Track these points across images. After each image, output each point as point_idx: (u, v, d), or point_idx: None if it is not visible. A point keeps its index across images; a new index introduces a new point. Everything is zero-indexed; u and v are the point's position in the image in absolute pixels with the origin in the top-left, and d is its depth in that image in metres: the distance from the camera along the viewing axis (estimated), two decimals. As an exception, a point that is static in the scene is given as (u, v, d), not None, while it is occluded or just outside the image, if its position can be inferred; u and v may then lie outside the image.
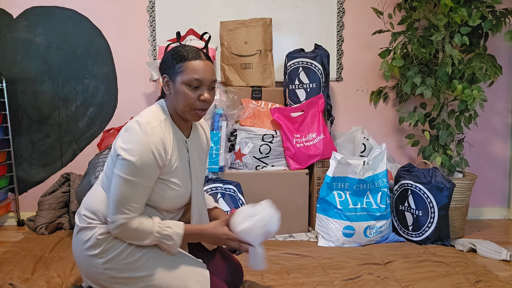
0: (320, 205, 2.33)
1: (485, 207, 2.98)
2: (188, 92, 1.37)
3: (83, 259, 1.44)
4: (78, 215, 1.49)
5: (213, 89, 1.42)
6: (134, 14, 2.74)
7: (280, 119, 2.48)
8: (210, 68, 1.40)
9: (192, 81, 1.36)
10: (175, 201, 1.46)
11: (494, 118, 2.93)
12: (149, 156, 1.32)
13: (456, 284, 1.78)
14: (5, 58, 2.70)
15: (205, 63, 1.39)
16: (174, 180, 1.42)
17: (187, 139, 1.50)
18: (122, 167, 1.32)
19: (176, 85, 1.38)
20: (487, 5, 2.38)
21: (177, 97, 1.38)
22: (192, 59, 1.37)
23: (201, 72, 1.37)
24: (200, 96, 1.38)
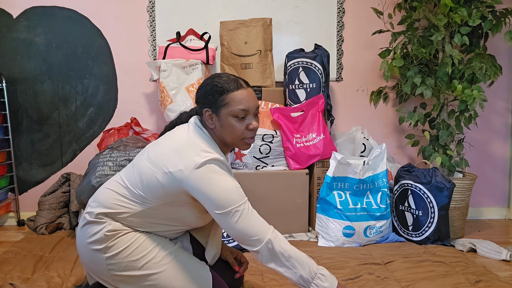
0: (320, 205, 2.33)
1: (485, 207, 2.98)
2: (236, 124, 1.36)
3: (86, 251, 1.44)
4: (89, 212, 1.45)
5: (257, 115, 1.42)
6: (134, 14, 2.74)
7: (280, 119, 2.48)
8: (253, 95, 1.39)
9: (238, 112, 1.35)
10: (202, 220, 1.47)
11: (494, 118, 2.93)
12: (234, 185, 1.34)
13: (456, 284, 1.78)
14: (5, 58, 2.70)
15: (247, 91, 1.38)
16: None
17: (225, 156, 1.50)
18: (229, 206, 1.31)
19: (222, 118, 1.36)
20: (487, 5, 2.38)
21: (224, 130, 1.37)
22: (234, 89, 1.36)
23: (246, 101, 1.36)
24: (248, 126, 1.37)
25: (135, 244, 1.41)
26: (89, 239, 1.42)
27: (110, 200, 1.44)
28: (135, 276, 1.40)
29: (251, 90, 1.40)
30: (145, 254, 1.40)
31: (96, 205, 1.45)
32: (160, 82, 2.47)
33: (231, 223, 1.32)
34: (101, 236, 1.40)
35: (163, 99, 2.46)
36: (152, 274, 1.40)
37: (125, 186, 1.42)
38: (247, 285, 1.76)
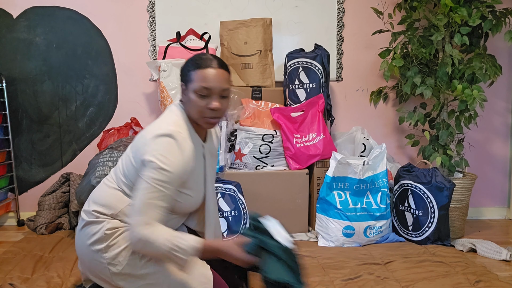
0: (320, 205, 2.33)
1: (485, 207, 2.98)
2: (198, 100, 1.36)
3: (87, 252, 1.44)
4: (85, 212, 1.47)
5: (225, 97, 1.41)
6: (134, 14, 2.74)
7: (280, 119, 2.48)
8: (222, 76, 1.39)
9: (200, 89, 1.36)
10: (188, 206, 1.47)
11: (494, 118, 2.93)
12: (183, 168, 1.33)
13: (456, 284, 1.78)
14: (5, 58, 2.70)
15: (216, 71, 1.38)
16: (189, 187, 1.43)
17: (204, 144, 1.50)
18: (155, 174, 1.30)
19: (189, 93, 1.38)
20: (487, 5, 2.38)
21: (190, 105, 1.39)
22: (204, 67, 1.37)
23: (210, 80, 1.36)
24: (208, 105, 1.37)
25: None
26: (89, 239, 1.42)
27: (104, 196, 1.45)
28: (136, 275, 1.40)
29: (223, 72, 1.39)
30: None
31: (91, 204, 1.46)
32: (160, 82, 2.47)
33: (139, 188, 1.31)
34: (101, 235, 1.40)
35: (163, 99, 2.46)
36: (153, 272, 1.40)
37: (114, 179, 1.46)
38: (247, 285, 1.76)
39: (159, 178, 1.31)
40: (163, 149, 1.32)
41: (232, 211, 2.20)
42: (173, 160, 1.32)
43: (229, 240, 1.40)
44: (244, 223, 2.21)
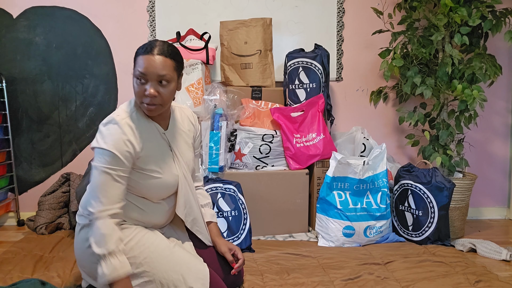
0: (320, 205, 2.33)
1: (485, 207, 2.98)
2: (135, 85, 1.40)
3: (85, 257, 1.45)
4: (78, 215, 1.51)
5: (165, 85, 1.40)
6: (134, 14, 2.74)
7: (280, 119, 2.48)
8: (159, 62, 1.37)
9: (137, 74, 1.38)
10: (160, 190, 1.48)
11: (494, 118, 2.93)
12: (120, 145, 1.36)
13: (456, 284, 1.78)
14: (5, 58, 2.70)
15: (153, 57, 1.37)
16: (153, 168, 1.45)
17: (166, 131, 1.52)
18: (97, 157, 1.36)
19: (132, 78, 1.42)
20: (487, 5, 2.38)
21: (134, 90, 1.42)
22: (143, 53, 1.38)
23: (145, 66, 1.36)
24: (145, 91, 1.38)
25: (133, 241, 1.42)
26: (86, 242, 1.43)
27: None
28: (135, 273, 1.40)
29: (162, 58, 1.38)
30: (143, 250, 1.41)
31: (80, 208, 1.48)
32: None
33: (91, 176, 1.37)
34: None
35: (163, 99, 2.46)
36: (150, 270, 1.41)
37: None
38: (247, 285, 1.76)
39: (104, 160, 1.34)
40: (104, 134, 1.37)
41: (232, 211, 2.20)
42: (112, 141, 1.35)
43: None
44: (244, 223, 2.21)
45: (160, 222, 1.56)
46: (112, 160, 1.35)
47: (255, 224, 2.38)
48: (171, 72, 1.41)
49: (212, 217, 1.72)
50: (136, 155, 1.41)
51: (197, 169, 1.77)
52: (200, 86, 2.48)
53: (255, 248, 2.22)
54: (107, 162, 1.34)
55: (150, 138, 1.46)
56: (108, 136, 1.36)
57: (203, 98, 2.44)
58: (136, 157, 1.41)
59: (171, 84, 1.42)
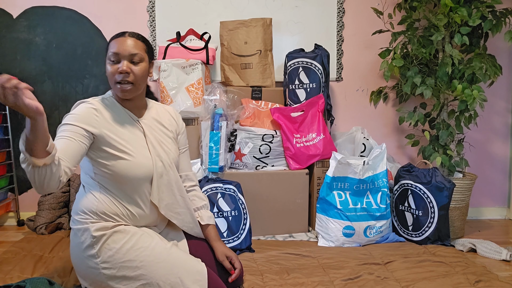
0: (320, 205, 2.33)
1: (485, 207, 2.98)
2: (109, 67, 1.46)
3: (81, 262, 1.45)
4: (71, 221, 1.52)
5: (137, 64, 1.47)
6: (134, 14, 2.74)
7: (280, 119, 2.48)
8: (130, 42, 1.46)
9: (110, 55, 1.45)
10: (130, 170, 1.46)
11: (494, 118, 2.93)
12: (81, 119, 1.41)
13: (456, 284, 1.78)
14: (5, 58, 2.70)
15: (125, 38, 1.46)
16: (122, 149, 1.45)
17: (140, 119, 1.56)
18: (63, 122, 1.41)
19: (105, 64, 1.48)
20: (487, 5, 2.38)
21: (107, 76, 1.49)
22: (115, 37, 1.47)
23: (118, 46, 1.44)
24: (118, 69, 1.44)
25: (128, 244, 1.41)
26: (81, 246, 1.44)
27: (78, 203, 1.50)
28: (131, 276, 1.40)
29: (133, 39, 1.47)
30: (139, 253, 1.41)
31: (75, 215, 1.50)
32: (160, 82, 2.47)
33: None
34: (90, 240, 1.41)
35: (163, 99, 2.46)
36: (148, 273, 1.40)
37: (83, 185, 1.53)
38: (247, 285, 1.76)
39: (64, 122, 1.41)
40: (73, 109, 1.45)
41: (232, 211, 2.20)
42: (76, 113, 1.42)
43: None
44: (244, 223, 2.21)
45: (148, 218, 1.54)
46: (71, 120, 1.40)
47: (255, 224, 2.38)
48: (142, 52, 1.48)
49: (209, 219, 1.69)
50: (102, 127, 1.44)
51: (188, 168, 1.74)
52: (200, 86, 2.48)
53: (255, 248, 2.22)
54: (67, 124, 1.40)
55: (121, 121, 1.50)
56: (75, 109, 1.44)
57: (203, 98, 2.44)
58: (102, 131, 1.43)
59: (143, 64, 1.48)
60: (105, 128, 1.44)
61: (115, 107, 1.52)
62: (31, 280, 1.49)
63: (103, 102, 1.51)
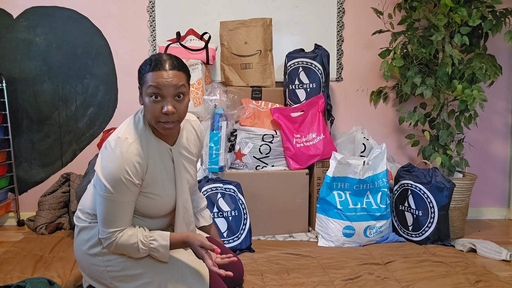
0: (320, 205, 2.33)
1: (485, 207, 2.98)
2: (151, 104, 1.31)
3: (85, 258, 1.45)
4: (76, 217, 1.51)
5: (180, 100, 1.34)
6: (134, 14, 2.74)
7: (280, 119, 2.48)
8: (174, 77, 1.31)
9: (151, 92, 1.30)
10: (158, 210, 1.46)
11: (494, 118, 2.93)
12: (123, 175, 1.30)
13: (456, 284, 1.78)
14: (5, 58, 2.70)
15: (167, 72, 1.30)
16: (153, 192, 1.42)
17: (172, 147, 1.46)
18: (101, 186, 1.32)
19: (143, 96, 1.34)
20: (487, 5, 2.38)
21: (145, 109, 1.35)
22: (153, 69, 1.30)
23: (160, 82, 1.28)
24: (162, 109, 1.30)
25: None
26: (85, 244, 1.44)
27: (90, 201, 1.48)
28: (134, 275, 1.41)
29: (176, 73, 1.32)
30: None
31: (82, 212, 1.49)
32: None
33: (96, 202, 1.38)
34: (96, 239, 1.41)
35: (163, 99, 2.46)
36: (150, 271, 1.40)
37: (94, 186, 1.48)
38: (247, 285, 1.76)
39: (105, 190, 1.31)
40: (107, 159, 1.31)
41: (232, 211, 2.20)
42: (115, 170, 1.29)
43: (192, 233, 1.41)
44: (244, 223, 2.21)
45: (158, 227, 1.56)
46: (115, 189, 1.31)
47: (255, 224, 2.38)
48: (186, 83, 1.35)
49: (210, 218, 1.76)
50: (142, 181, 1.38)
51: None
52: (200, 86, 2.48)
53: (255, 248, 2.22)
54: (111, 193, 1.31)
55: (156, 159, 1.40)
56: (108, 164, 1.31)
57: (203, 98, 2.45)
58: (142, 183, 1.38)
59: (186, 98, 1.36)
60: (145, 174, 1.38)
61: (150, 140, 1.40)
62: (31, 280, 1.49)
63: (140, 138, 1.36)
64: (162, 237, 1.38)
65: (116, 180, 1.29)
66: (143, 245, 1.36)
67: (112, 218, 1.34)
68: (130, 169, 1.31)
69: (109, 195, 1.31)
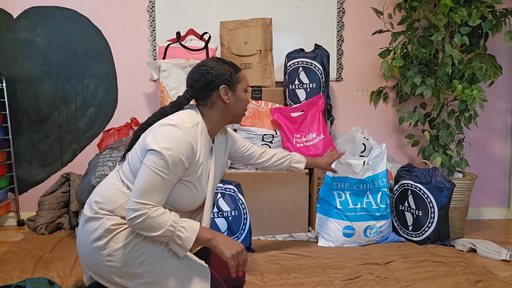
0: (320, 205, 2.33)
1: (485, 207, 2.98)
2: (245, 97, 1.58)
3: (87, 250, 1.45)
4: (88, 204, 1.49)
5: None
6: (134, 14, 2.74)
7: (280, 119, 2.48)
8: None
9: (246, 87, 1.58)
10: (189, 203, 1.49)
11: (494, 118, 2.93)
12: (180, 154, 1.36)
13: (456, 284, 1.78)
14: (5, 58, 2.70)
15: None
16: (194, 183, 1.46)
17: (213, 145, 1.57)
18: (153, 159, 1.35)
19: (238, 92, 1.54)
20: (487, 5, 2.38)
21: (239, 103, 1.56)
22: (240, 70, 1.58)
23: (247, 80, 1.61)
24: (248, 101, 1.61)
25: (135, 240, 1.41)
26: (90, 236, 1.43)
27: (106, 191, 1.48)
28: (134, 273, 1.41)
29: None
30: (143, 250, 1.41)
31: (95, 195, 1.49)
32: (160, 82, 2.47)
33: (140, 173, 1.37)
34: (101, 232, 1.41)
35: (163, 99, 2.46)
36: (151, 271, 1.41)
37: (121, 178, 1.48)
38: (247, 285, 1.76)
39: (159, 163, 1.34)
40: (165, 136, 1.37)
41: (232, 211, 2.20)
42: (173, 147, 1.35)
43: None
44: (244, 223, 2.21)
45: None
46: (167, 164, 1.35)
47: (255, 224, 2.38)
48: None
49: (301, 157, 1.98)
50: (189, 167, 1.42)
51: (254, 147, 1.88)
52: (200, 86, 2.48)
53: (255, 248, 2.22)
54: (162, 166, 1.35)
55: (203, 151, 1.49)
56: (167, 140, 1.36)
57: (203, 98, 2.44)
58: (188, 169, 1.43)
59: None
60: (194, 161, 1.43)
61: (204, 134, 1.50)
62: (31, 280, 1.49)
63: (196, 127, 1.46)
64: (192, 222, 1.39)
65: (171, 156, 1.34)
66: (173, 227, 1.35)
67: (151, 191, 1.34)
68: (185, 151, 1.38)
69: (157, 168, 1.34)
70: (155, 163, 1.34)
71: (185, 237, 1.35)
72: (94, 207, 1.45)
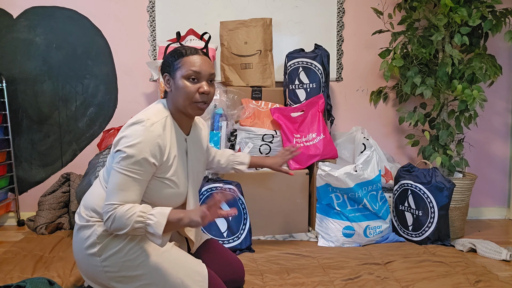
0: (320, 205, 2.33)
1: (485, 207, 2.98)
2: (188, 85, 1.40)
3: (83, 258, 1.45)
4: (77, 214, 1.50)
5: (212, 82, 1.46)
6: (134, 14, 2.74)
7: (280, 119, 2.48)
8: (208, 62, 1.45)
9: (190, 73, 1.40)
10: (171, 200, 1.47)
11: (494, 118, 2.93)
12: (144, 151, 1.34)
13: (456, 284, 1.78)
14: (5, 58, 2.70)
15: (202, 57, 1.43)
16: (171, 178, 1.44)
17: (187, 137, 1.52)
18: (117, 160, 1.34)
19: (176, 80, 1.42)
20: (487, 5, 2.38)
21: (178, 92, 1.42)
22: (190, 54, 1.42)
23: (198, 64, 1.41)
24: (199, 89, 1.41)
25: (129, 244, 1.41)
26: (84, 243, 1.44)
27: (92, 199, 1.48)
28: (132, 276, 1.40)
29: (208, 58, 1.46)
30: (140, 253, 1.41)
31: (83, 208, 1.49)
32: (160, 82, 2.47)
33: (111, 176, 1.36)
34: (94, 239, 1.41)
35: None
36: (148, 273, 1.40)
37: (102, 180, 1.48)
38: (247, 285, 1.76)
39: (123, 163, 1.33)
40: (129, 134, 1.35)
41: (232, 211, 2.19)
42: (136, 144, 1.33)
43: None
44: (244, 223, 2.21)
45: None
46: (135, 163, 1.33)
47: (255, 224, 2.38)
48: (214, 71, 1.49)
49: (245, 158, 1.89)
50: (159, 163, 1.39)
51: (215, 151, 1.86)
52: (200, 86, 2.48)
53: (255, 248, 2.22)
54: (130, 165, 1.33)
55: (174, 145, 1.45)
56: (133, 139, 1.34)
57: (203, 98, 2.44)
58: (159, 165, 1.40)
59: (214, 84, 1.49)
60: (164, 157, 1.40)
61: (173, 128, 1.46)
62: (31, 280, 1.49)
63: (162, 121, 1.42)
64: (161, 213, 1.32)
65: (134, 154, 1.32)
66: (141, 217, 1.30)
67: (118, 191, 1.33)
68: (149, 148, 1.35)
69: (123, 168, 1.33)
70: (119, 163, 1.33)
71: (155, 223, 1.30)
72: (83, 215, 1.46)
